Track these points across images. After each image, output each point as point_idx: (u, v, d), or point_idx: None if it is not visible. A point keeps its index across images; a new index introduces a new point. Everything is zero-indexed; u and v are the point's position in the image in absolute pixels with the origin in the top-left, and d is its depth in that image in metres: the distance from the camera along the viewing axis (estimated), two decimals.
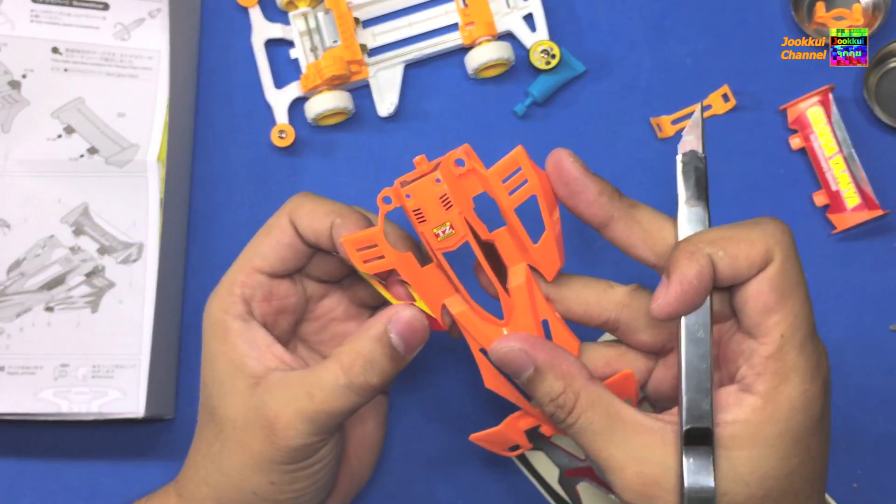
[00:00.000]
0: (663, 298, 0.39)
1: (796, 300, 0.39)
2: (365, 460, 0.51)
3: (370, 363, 0.43)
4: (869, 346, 0.58)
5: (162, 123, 0.57)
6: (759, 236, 0.39)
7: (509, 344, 0.42)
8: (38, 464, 0.58)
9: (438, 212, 0.42)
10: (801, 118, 0.60)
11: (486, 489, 0.57)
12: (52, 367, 0.55)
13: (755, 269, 0.39)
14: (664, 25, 0.62)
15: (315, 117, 0.59)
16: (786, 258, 0.39)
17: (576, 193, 0.42)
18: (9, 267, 0.56)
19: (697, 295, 0.39)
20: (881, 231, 0.59)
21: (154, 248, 0.56)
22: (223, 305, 0.46)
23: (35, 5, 0.58)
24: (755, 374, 0.39)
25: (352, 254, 0.44)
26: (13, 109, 0.57)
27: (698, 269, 0.39)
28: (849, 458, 0.57)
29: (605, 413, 0.41)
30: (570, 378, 0.41)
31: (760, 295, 0.38)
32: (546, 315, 0.44)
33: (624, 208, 0.42)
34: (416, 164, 0.43)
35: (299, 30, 0.61)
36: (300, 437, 0.43)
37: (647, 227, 0.42)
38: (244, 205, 0.60)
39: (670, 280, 0.39)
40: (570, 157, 0.42)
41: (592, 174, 0.42)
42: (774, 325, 0.38)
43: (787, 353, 0.38)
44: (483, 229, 0.43)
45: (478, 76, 0.61)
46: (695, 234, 0.40)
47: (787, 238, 0.39)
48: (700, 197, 0.42)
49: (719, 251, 0.39)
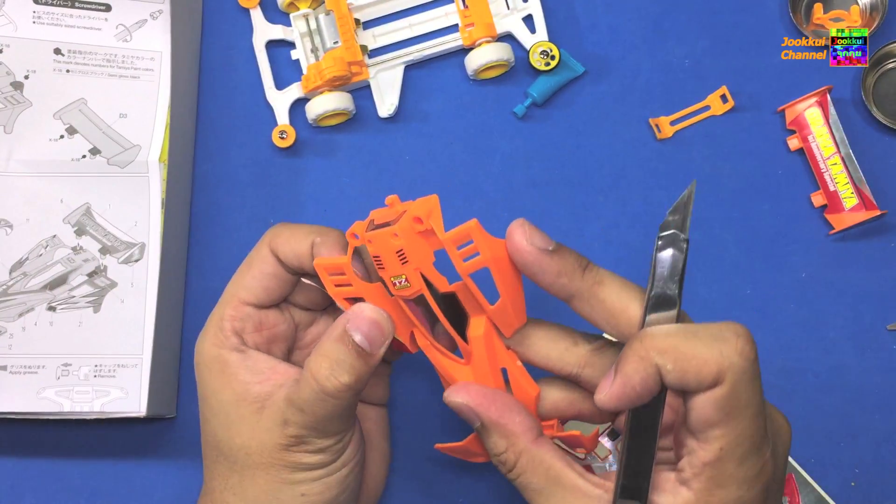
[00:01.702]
0: (606, 393, 0.39)
1: (741, 421, 0.38)
2: (378, 475, 0.52)
3: (337, 363, 0.43)
4: (866, 345, 0.59)
5: (163, 124, 0.58)
6: (713, 356, 0.37)
7: (458, 398, 0.43)
8: (41, 463, 0.58)
9: (395, 264, 0.42)
10: (800, 119, 0.60)
11: (486, 489, 0.58)
12: (54, 366, 0.55)
13: (703, 386, 0.38)
14: (663, 27, 0.62)
15: (316, 118, 0.60)
16: (736, 382, 0.37)
17: (533, 274, 0.41)
18: (11, 267, 0.56)
19: (639, 398, 0.39)
20: (879, 231, 0.60)
21: (156, 248, 0.56)
22: (216, 342, 0.46)
23: (37, 7, 0.59)
24: (692, 473, 0.39)
25: (324, 277, 0.45)
26: (16, 110, 0.57)
27: (643, 376, 0.38)
28: (847, 457, 0.57)
29: (545, 475, 0.41)
30: (514, 438, 0.42)
31: (703, 410, 0.38)
32: (505, 364, 0.44)
33: (587, 286, 0.41)
34: (387, 204, 0.44)
35: (300, 31, 0.61)
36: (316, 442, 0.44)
37: (610, 307, 0.41)
38: (245, 205, 0.60)
39: (615, 378, 0.39)
40: (525, 235, 0.41)
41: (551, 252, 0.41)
42: (715, 438, 0.38)
43: (726, 465, 0.38)
44: (443, 282, 0.42)
45: (478, 77, 0.61)
46: (651, 335, 0.39)
47: (743, 361, 0.38)
48: (672, 284, 0.40)
49: (668, 363, 0.38)
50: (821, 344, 0.59)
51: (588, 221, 0.60)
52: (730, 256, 0.60)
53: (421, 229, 0.41)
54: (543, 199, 0.60)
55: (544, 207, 0.60)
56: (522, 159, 0.61)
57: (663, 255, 0.40)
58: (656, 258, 0.40)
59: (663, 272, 0.40)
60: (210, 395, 0.46)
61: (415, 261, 0.42)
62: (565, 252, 0.41)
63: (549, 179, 0.61)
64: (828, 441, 0.58)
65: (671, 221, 0.41)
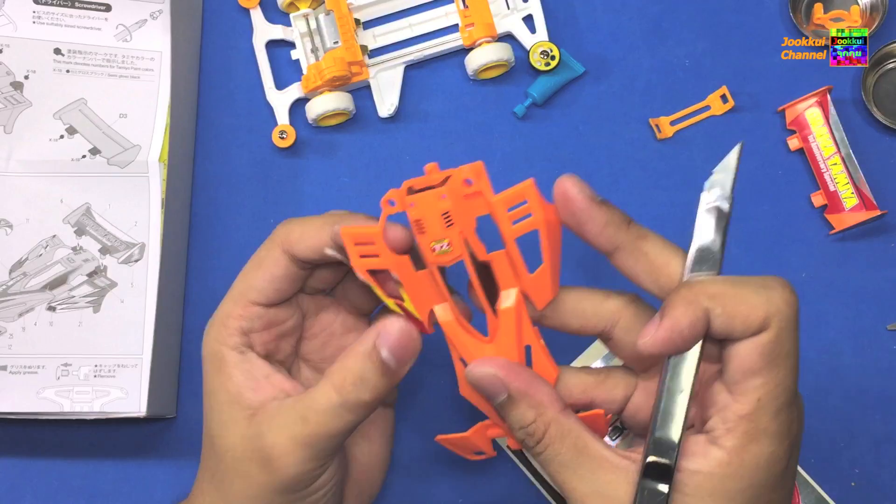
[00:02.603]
0: (651, 337, 0.39)
1: (781, 370, 0.38)
2: (372, 478, 0.51)
3: (361, 380, 0.42)
4: (867, 345, 0.59)
5: (163, 124, 0.58)
6: (761, 302, 0.38)
7: (486, 368, 0.42)
8: (41, 463, 0.58)
9: (439, 227, 0.41)
10: (800, 119, 0.60)
11: (486, 489, 0.58)
12: (54, 366, 0.55)
13: (749, 332, 0.38)
14: (663, 27, 0.62)
15: (316, 118, 0.60)
16: (782, 329, 0.38)
17: (581, 223, 0.41)
18: (11, 267, 0.56)
19: (685, 343, 0.39)
20: (879, 231, 0.60)
21: (156, 248, 0.56)
22: (219, 337, 0.46)
23: (37, 7, 0.59)
24: (725, 429, 0.39)
25: (349, 247, 0.43)
26: (15, 110, 0.57)
27: (692, 319, 0.38)
28: (847, 458, 0.57)
29: (573, 446, 0.41)
30: (542, 408, 0.42)
31: (748, 357, 0.38)
32: (530, 341, 0.44)
33: (631, 239, 0.41)
34: (426, 171, 0.43)
35: (300, 31, 0.61)
36: (297, 465, 0.42)
37: (653, 260, 0.41)
38: (245, 205, 0.60)
39: (662, 322, 0.39)
40: (575, 185, 0.41)
41: (600, 203, 0.41)
42: (754, 388, 0.38)
43: (761, 417, 0.38)
44: (482, 250, 0.42)
45: (478, 77, 0.61)
46: (698, 282, 0.39)
47: (789, 309, 0.38)
48: (716, 240, 0.40)
49: (717, 307, 0.38)
50: (821, 344, 0.59)
51: None
52: (730, 256, 0.59)
53: (469, 191, 0.41)
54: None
55: None
56: (523, 159, 0.61)
57: (707, 213, 0.41)
58: (700, 215, 0.41)
59: (707, 230, 0.41)
60: (210, 392, 0.46)
61: (459, 224, 0.41)
62: (611, 205, 0.41)
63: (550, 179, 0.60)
64: (828, 441, 0.58)
65: (717, 180, 0.41)
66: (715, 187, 0.41)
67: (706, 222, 0.41)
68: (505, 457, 0.57)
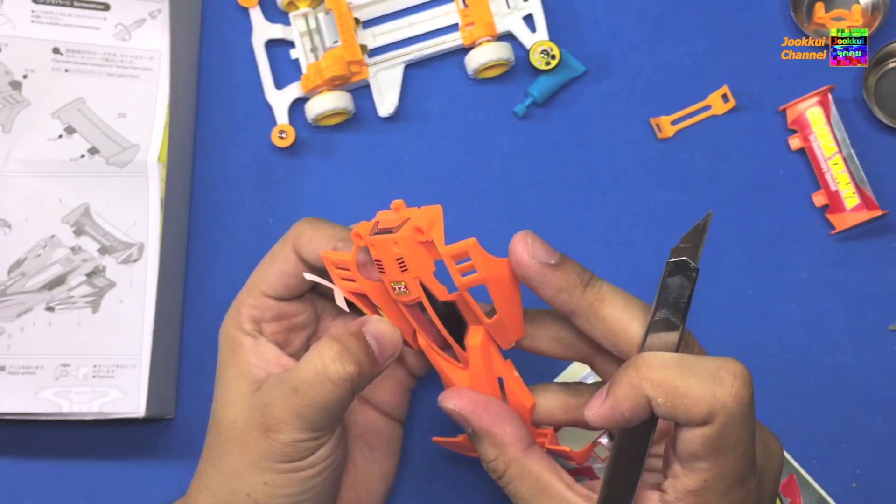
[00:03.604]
0: (594, 413, 0.39)
1: (728, 458, 0.38)
2: (374, 490, 0.51)
3: (345, 350, 0.43)
4: (868, 346, 0.58)
5: (162, 124, 0.58)
6: (705, 395, 0.37)
7: (451, 405, 0.43)
8: (39, 463, 0.58)
9: (395, 270, 0.42)
10: (801, 118, 0.60)
11: (486, 489, 0.58)
12: (52, 366, 0.55)
13: (692, 423, 0.38)
14: (664, 26, 0.62)
15: (315, 118, 0.60)
16: (726, 424, 0.37)
17: (535, 288, 0.41)
18: (10, 267, 0.56)
19: (627, 423, 0.39)
20: (880, 231, 0.59)
21: (155, 248, 0.56)
22: (235, 323, 0.48)
23: (36, 6, 0.59)
24: (675, 498, 0.39)
25: (331, 270, 0.45)
26: (14, 110, 0.57)
27: (633, 404, 0.38)
28: (848, 458, 0.57)
29: (533, 486, 0.42)
30: (504, 448, 0.43)
31: (691, 444, 0.38)
32: (501, 373, 0.44)
33: (587, 304, 0.41)
34: (392, 208, 0.44)
35: (300, 30, 0.61)
36: (291, 433, 0.43)
37: (610, 325, 0.41)
38: (244, 205, 0.60)
39: (605, 400, 0.39)
40: (526, 250, 0.41)
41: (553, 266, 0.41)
42: (700, 469, 0.38)
43: (709, 494, 0.38)
44: (442, 291, 0.42)
45: (478, 76, 0.61)
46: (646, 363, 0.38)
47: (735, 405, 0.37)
48: (675, 313, 0.40)
49: (659, 397, 0.38)
50: (822, 344, 0.59)
51: (588, 221, 0.60)
52: (731, 256, 0.60)
53: (421, 240, 0.41)
54: (544, 198, 0.60)
55: (544, 207, 0.60)
56: (523, 159, 0.61)
57: (671, 281, 0.40)
58: (664, 283, 0.40)
59: (668, 298, 0.40)
60: (220, 371, 0.48)
61: (414, 269, 0.42)
62: (568, 266, 0.41)
63: (550, 179, 0.61)
64: (829, 442, 0.57)
65: (683, 248, 0.40)
66: (680, 255, 0.40)
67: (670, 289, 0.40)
68: None
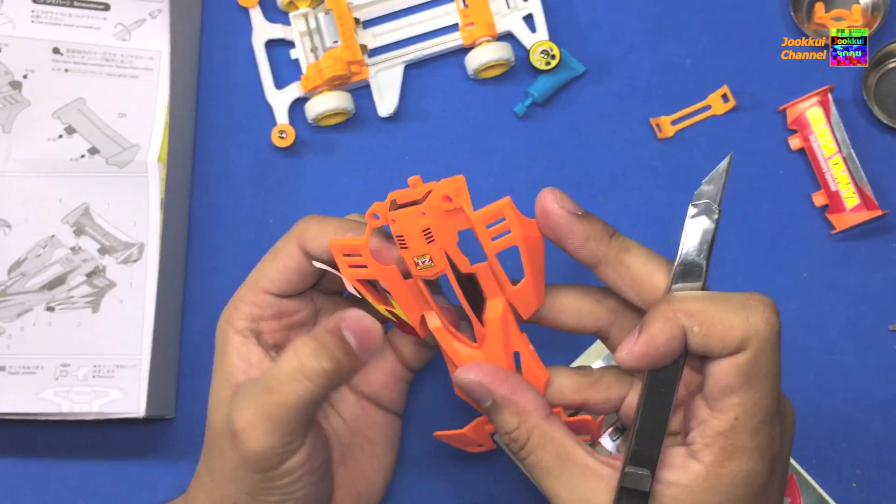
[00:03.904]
0: (628, 351, 0.39)
1: (759, 390, 0.38)
2: (374, 483, 0.51)
3: (322, 347, 0.43)
4: (868, 346, 0.58)
5: (162, 124, 0.57)
6: (739, 321, 0.38)
7: (470, 375, 0.43)
8: (39, 464, 0.58)
9: (420, 243, 0.42)
10: (801, 118, 0.60)
11: (485, 489, 0.58)
12: (52, 366, 0.55)
13: (726, 352, 0.38)
14: (664, 26, 0.62)
15: (315, 118, 0.59)
16: (759, 350, 0.38)
17: (562, 238, 0.41)
18: (10, 267, 0.56)
19: (662, 359, 0.39)
20: (880, 231, 0.59)
21: (155, 248, 0.56)
22: (229, 319, 0.47)
23: (36, 6, 0.59)
24: (703, 444, 0.39)
25: (338, 258, 0.44)
26: (14, 110, 0.57)
27: (668, 337, 0.38)
28: (848, 459, 0.57)
29: (556, 453, 0.41)
30: (526, 415, 0.42)
31: (724, 376, 0.38)
32: (518, 348, 0.44)
33: (613, 253, 0.41)
34: (409, 184, 0.43)
35: (300, 30, 0.61)
36: (261, 439, 0.42)
37: (635, 273, 0.41)
38: (244, 205, 0.60)
39: (639, 336, 0.39)
40: (556, 200, 0.41)
41: (580, 216, 0.41)
42: (731, 406, 0.38)
43: (739, 434, 0.38)
44: (465, 262, 0.42)
45: (478, 76, 0.61)
46: (678, 297, 0.39)
47: (768, 330, 0.38)
48: (701, 254, 0.40)
49: (695, 326, 0.38)
50: (822, 344, 0.58)
51: None
52: (731, 256, 0.60)
53: (449, 208, 0.41)
54: None
55: None
56: (523, 159, 0.61)
57: (694, 225, 0.40)
58: (687, 227, 0.40)
59: (693, 241, 0.40)
60: (214, 369, 0.47)
61: (440, 240, 0.42)
62: (594, 218, 0.42)
63: (550, 179, 0.61)
64: (829, 442, 0.57)
65: (705, 191, 0.41)
66: (703, 198, 0.41)
67: (692, 234, 0.40)
68: (504, 457, 0.56)
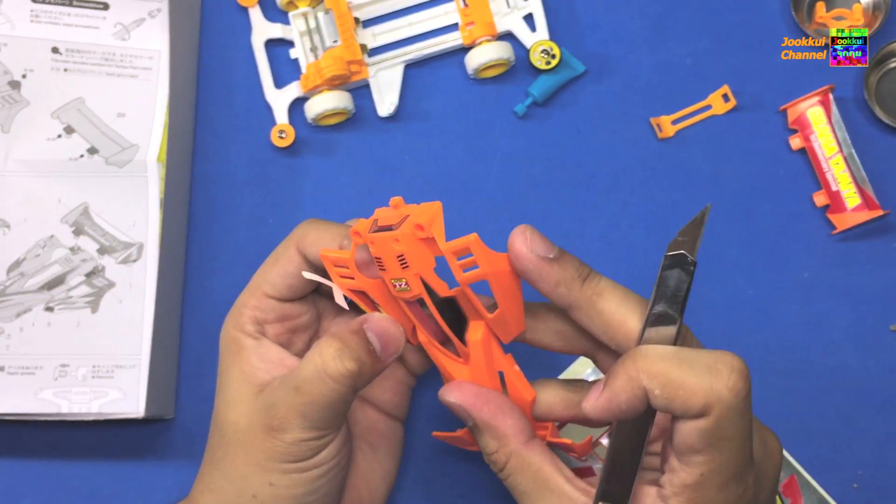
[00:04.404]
0: (591, 404, 0.39)
1: (723, 451, 0.38)
2: (376, 489, 0.51)
3: (345, 347, 0.43)
4: (869, 346, 0.58)
5: (162, 123, 0.57)
6: (702, 387, 0.37)
7: (451, 398, 0.44)
8: (38, 464, 0.58)
9: (396, 267, 0.42)
10: (802, 118, 0.60)
11: (485, 489, 0.57)
12: (52, 367, 0.55)
13: (689, 415, 0.38)
14: (664, 25, 0.62)
15: (315, 117, 0.59)
16: (723, 416, 0.37)
17: (533, 282, 0.41)
18: (9, 267, 0.56)
19: (624, 415, 0.39)
20: (881, 231, 0.59)
21: (154, 248, 0.56)
22: (237, 325, 0.48)
23: (35, 5, 0.58)
24: (672, 492, 0.39)
25: (329, 269, 0.45)
26: (13, 109, 0.57)
27: (629, 396, 0.38)
28: (849, 459, 0.57)
29: (533, 479, 0.42)
30: (505, 440, 0.43)
31: (688, 436, 0.38)
32: (502, 368, 0.44)
33: (585, 298, 0.41)
34: (390, 205, 0.44)
35: (299, 30, 0.61)
36: (296, 432, 0.44)
37: (608, 319, 0.41)
38: (244, 205, 0.60)
39: (602, 392, 0.39)
40: (525, 243, 0.41)
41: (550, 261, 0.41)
42: (697, 464, 0.38)
43: (706, 489, 0.38)
44: (443, 287, 0.42)
45: (478, 76, 0.61)
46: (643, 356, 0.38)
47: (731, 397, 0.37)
48: (672, 307, 0.40)
49: (656, 389, 0.38)
50: (823, 345, 0.58)
51: (589, 221, 0.60)
52: (731, 256, 0.59)
53: (422, 236, 0.41)
54: (544, 198, 0.60)
55: (545, 207, 0.60)
56: (523, 159, 0.61)
57: (669, 275, 0.40)
58: (661, 276, 0.40)
59: (666, 291, 0.40)
60: (222, 373, 0.48)
61: (415, 266, 0.42)
62: (566, 261, 0.41)
63: (550, 179, 0.61)
64: (830, 443, 0.57)
65: (681, 242, 0.41)
66: (678, 249, 0.40)
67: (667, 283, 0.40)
68: None
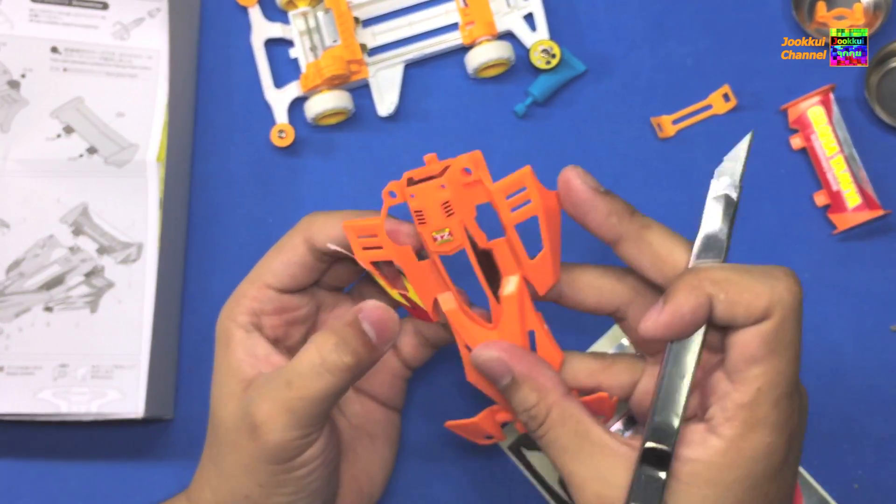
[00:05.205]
0: (653, 321, 0.39)
1: (783, 359, 0.38)
2: (375, 478, 0.51)
3: (343, 341, 0.43)
4: (869, 346, 0.58)
5: (161, 123, 0.57)
6: (764, 290, 0.38)
7: (489, 352, 0.43)
8: (38, 464, 0.58)
9: (439, 217, 0.42)
10: (802, 118, 0.60)
11: (485, 489, 0.57)
12: (51, 367, 0.55)
13: (751, 320, 0.38)
14: (665, 25, 0.62)
15: (315, 117, 0.59)
16: (784, 318, 0.38)
17: (584, 213, 0.42)
18: (8, 267, 0.55)
19: (687, 328, 0.39)
20: (882, 231, 0.59)
21: (153, 248, 0.56)
22: (231, 314, 0.48)
23: (34, 5, 0.58)
24: (724, 418, 0.39)
25: (352, 240, 0.45)
26: (12, 109, 0.57)
27: (694, 305, 0.39)
28: (849, 459, 0.57)
29: (574, 431, 0.41)
30: (545, 392, 0.42)
31: (749, 345, 0.38)
32: (533, 326, 0.44)
33: (634, 229, 0.42)
34: (425, 162, 0.43)
35: (299, 29, 0.61)
36: (281, 432, 0.43)
37: (657, 249, 0.41)
38: (244, 205, 0.60)
39: (664, 307, 0.39)
40: (579, 176, 0.42)
41: (603, 193, 0.42)
42: (754, 377, 0.38)
43: (761, 406, 0.38)
44: (482, 237, 0.42)
45: (478, 76, 0.61)
46: (703, 268, 0.40)
47: (792, 299, 0.38)
48: (723, 228, 0.41)
49: (721, 294, 0.38)
50: (823, 345, 0.58)
51: None
52: (732, 256, 0.59)
53: (468, 180, 0.41)
54: None
55: None
56: (523, 158, 0.60)
57: (715, 201, 0.41)
58: (708, 203, 0.41)
59: (715, 217, 0.41)
60: (216, 367, 0.48)
61: (460, 213, 0.42)
62: (615, 195, 0.42)
63: (550, 179, 0.60)
64: (831, 443, 0.57)
65: (726, 168, 0.42)
66: (724, 175, 0.41)
67: (714, 210, 0.41)
68: (505, 458, 0.56)
